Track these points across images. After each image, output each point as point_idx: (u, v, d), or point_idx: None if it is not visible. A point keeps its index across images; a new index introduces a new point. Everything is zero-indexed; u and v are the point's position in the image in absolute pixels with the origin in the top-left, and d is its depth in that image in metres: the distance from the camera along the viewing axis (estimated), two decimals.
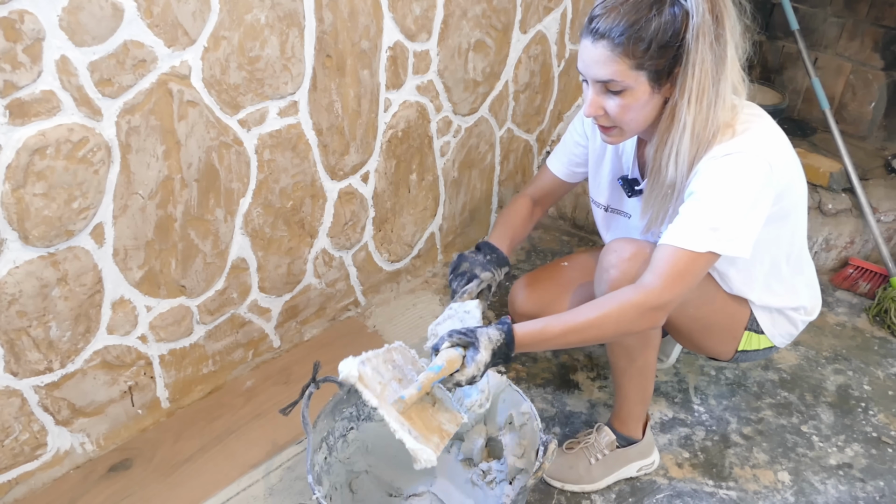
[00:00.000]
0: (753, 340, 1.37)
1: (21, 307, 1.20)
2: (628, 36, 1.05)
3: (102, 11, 1.09)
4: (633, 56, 1.06)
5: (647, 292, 1.09)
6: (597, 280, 1.30)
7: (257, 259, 1.55)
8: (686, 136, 1.10)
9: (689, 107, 1.08)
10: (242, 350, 1.64)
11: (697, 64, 1.06)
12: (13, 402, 1.27)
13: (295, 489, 1.40)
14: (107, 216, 1.25)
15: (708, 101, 1.08)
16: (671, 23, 1.05)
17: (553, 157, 1.53)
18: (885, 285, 1.99)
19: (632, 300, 1.09)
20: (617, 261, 1.24)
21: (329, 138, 1.55)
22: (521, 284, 1.57)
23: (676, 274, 1.09)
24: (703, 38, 1.04)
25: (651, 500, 1.42)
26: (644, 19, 1.05)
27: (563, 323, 1.11)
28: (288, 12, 1.34)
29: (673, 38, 1.06)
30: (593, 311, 1.11)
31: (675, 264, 1.09)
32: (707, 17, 1.04)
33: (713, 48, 1.05)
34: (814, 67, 2.24)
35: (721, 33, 1.06)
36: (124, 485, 1.39)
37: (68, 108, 1.12)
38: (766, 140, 1.14)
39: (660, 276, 1.10)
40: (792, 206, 1.22)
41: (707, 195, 1.11)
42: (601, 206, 1.46)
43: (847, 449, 1.56)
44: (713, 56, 1.06)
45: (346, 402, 1.37)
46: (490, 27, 1.78)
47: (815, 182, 2.15)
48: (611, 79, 1.09)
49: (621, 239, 1.29)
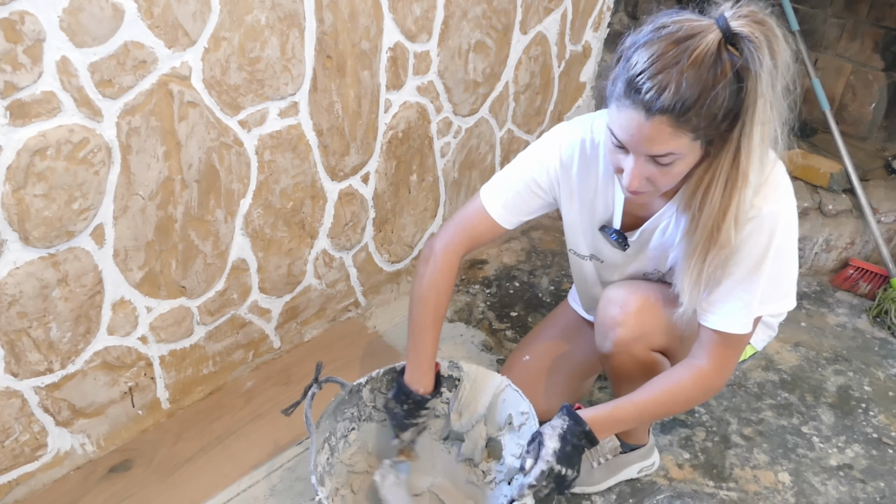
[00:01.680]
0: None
1: (21, 308, 1.20)
2: (696, 111, 0.92)
3: (103, 12, 1.09)
4: (697, 129, 0.94)
5: (712, 377, 1.12)
6: (600, 335, 1.26)
7: (257, 260, 1.55)
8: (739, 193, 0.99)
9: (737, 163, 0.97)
10: (243, 351, 1.64)
11: (756, 123, 0.94)
12: (13, 403, 1.27)
13: (296, 490, 1.40)
14: (107, 217, 1.25)
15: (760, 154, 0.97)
16: (736, 90, 0.92)
17: (496, 204, 1.27)
18: (885, 286, 1.99)
19: (700, 383, 1.12)
20: (622, 317, 1.20)
21: (329, 139, 1.55)
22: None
23: (733, 355, 1.13)
24: (764, 93, 0.92)
25: (651, 500, 1.42)
26: (711, 88, 0.91)
27: (634, 404, 1.13)
28: (288, 13, 1.34)
29: (737, 105, 0.93)
30: (659, 390, 1.13)
31: (731, 347, 1.12)
32: (769, 67, 0.91)
33: (772, 98, 0.94)
34: (814, 68, 2.24)
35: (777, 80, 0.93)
36: (124, 486, 1.39)
37: (69, 109, 1.12)
38: (788, 190, 1.09)
39: (720, 360, 1.12)
40: None
41: (750, 273, 1.07)
42: (584, 257, 1.35)
43: (847, 450, 1.56)
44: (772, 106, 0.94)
45: (348, 402, 1.37)
46: (490, 28, 1.78)
47: (816, 183, 2.15)
48: (669, 153, 0.97)
49: (619, 287, 1.24)
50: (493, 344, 1.81)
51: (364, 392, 1.39)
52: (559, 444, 1.09)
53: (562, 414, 1.12)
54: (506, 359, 1.75)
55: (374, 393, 1.41)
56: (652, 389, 1.13)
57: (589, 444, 1.11)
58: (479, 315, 1.90)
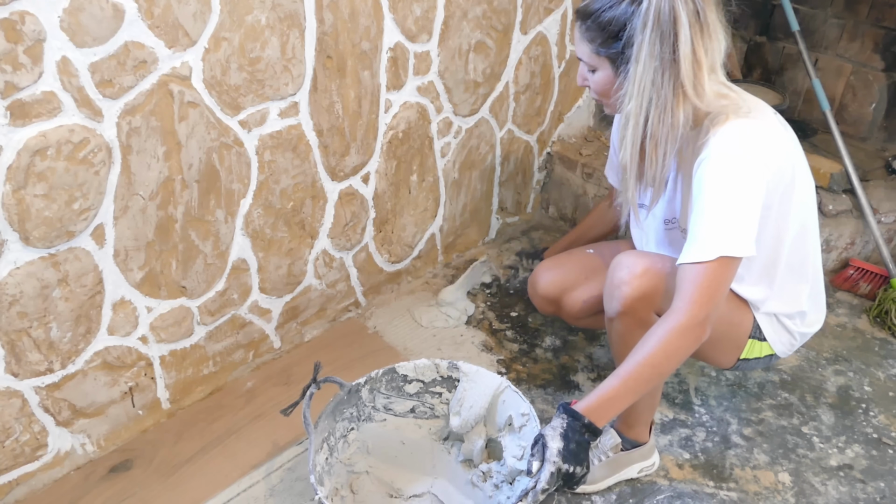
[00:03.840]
0: (755, 348, 1.36)
1: (22, 308, 1.20)
2: (590, 22, 1.14)
3: (103, 12, 1.09)
4: (593, 41, 1.16)
5: (681, 316, 1.10)
6: (607, 296, 1.28)
7: (258, 260, 1.55)
8: (630, 127, 1.13)
9: (629, 100, 1.11)
10: (243, 351, 1.65)
11: (641, 60, 1.08)
12: (14, 403, 1.27)
13: (296, 490, 1.40)
14: (107, 217, 1.25)
15: (650, 96, 1.09)
16: (623, 15, 1.10)
17: (608, 169, 1.59)
18: (885, 286, 1.99)
19: (672, 328, 1.10)
20: (629, 277, 1.23)
21: (329, 139, 1.55)
22: (543, 267, 1.58)
23: (701, 289, 1.10)
24: (651, 34, 1.06)
25: (652, 500, 1.42)
26: (606, 8, 1.12)
27: (618, 376, 1.12)
28: (288, 13, 1.34)
29: (621, 31, 1.10)
30: (640, 353, 1.11)
31: (695, 280, 1.10)
32: (662, 15, 1.04)
33: (661, 47, 1.06)
34: (814, 68, 2.24)
35: (679, 32, 1.05)
36: (125, 486, 1.39)
37: (69, 109, 1.12)
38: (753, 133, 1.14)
39: (687, 296, 1.10)
40: (779, 201, 1.20)
41: (703, 206, 1.12)
42: (644, 207, 1.36)
43: (847, 450, 1.56)
44: (660, 54, 1.06)
45: (347, 402, 1.37)
46: (490, 28, 1.78)
47: (816, 183, 2.15)
48: (581, 58, 1.20)
49: (630, 253, 1.27)
50: (493, 344, 1.81)
51: (363, 392, 1.39)
52: (562, 443, 1.09)
53: (559, 413, 1.13)
54: (506, 359, 1.76)
55: (373, 393, 1.41)
56: (633, 355, 1.12)
57: (592, 435, 1.11)
58: (480, 315, 1.90)
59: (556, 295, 1.54)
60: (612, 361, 1.77)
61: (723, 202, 1.11)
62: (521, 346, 1.80)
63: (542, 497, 1.08)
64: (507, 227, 2.25)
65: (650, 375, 1.12)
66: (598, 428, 1.11)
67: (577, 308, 1.51)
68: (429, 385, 1.44)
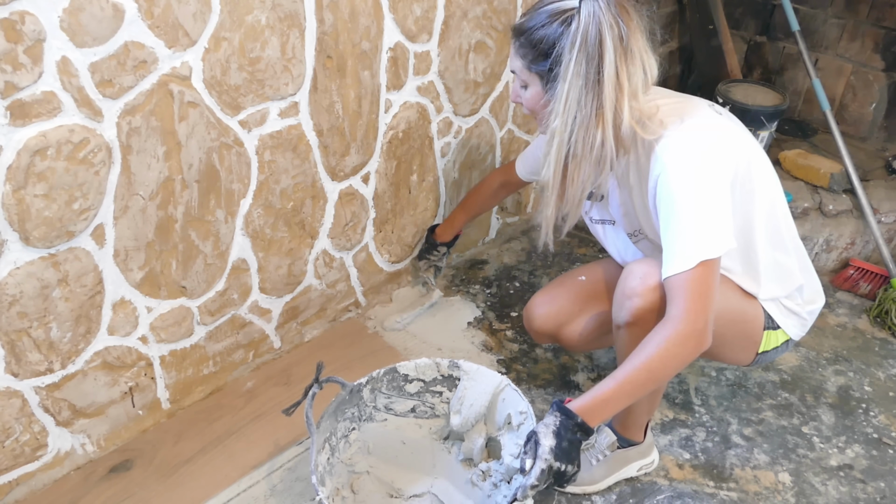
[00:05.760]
0: (772, 338, 1.35)
1: (22, 308, 1.20)
2: (524, 39, 1.17)
3: (103, 12, 1.09)
4: (524, 58, 1.19)
5: (679, 324, 1.10)
6: (617, 304, 1.27)
7: (258, 260, 1.55)
8: (554, 144, 1.15)
9: (555, 117, 1.14)
10: (243, 351, 1.64)
11: (568, 79, 1.10)
12: (14, 403, 1.27)
13: (296, 490, 1.40)
14: (107, 217, 1.25)
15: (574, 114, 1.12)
16: (553, 34, 1.12)
17: (521, 160, 1.67)
18: (885, 286, 1.99)
19: (670, 336, 1.10)
20: (641, 289, 1.21)
21: (330, 139, 1.55)
22: (537, 302, 1.54)
23: (692, 297, 1.11)
24: (578, 54, 1.08)
25: (652, 500, 1.42)
26: (538, 27, 1.14)
27: (615, 379, 1.12)
28: (288, 13, 1.34)
29: (550, 49, 1.13)
30: (637, 358, 1.11)
31: (684, 289, 1.11)
32: (589, 38, 1.07)
33: (586, 67, 1.08)
34: (814, 68, 2.24)
35: (604, 55, 1.07)
36: (125, 486, 1.39)
37: (69, 109, 1.12)
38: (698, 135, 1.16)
39: (682, 306, 1.11)
40: (740, 189, 1.20)
41: (673, 217, 1.14)
42: (594, 221, 1.44)
43: (848, 450, 1.56)
44: (585, 74, 1.09)
45: (349, 402, 1.37)
46: (491, 28, 1.78)
47: (816, 183, 2.15)
48: (513, 71, 1.23)
49: (643, 261, 1.26)
50: (493, 344, 1.81)
51: (365, 392, 1.39)
52: (555, 441, 1.09)
53: (553, 411, 1.13)
54: (506, 359, 1.76)
55: (374, 393, 1.41)
56: (631, 359, 1.12)
57: (584, 434, 1.11)
58: (480, 315, 1.90)
59: (553, 330, 1.52)
60: (612, 361, 1.77)
61: (691, 210, 1.13)
62: (521, 346, 1.81)
63: (531, 493, 1.08)
64: (507, 227, 2.25)
65: (646, 381, 1.12)
66: (591, 428, 1.11)
67: (576, 341, 1.51)
68: (429, 384, 1.44)
